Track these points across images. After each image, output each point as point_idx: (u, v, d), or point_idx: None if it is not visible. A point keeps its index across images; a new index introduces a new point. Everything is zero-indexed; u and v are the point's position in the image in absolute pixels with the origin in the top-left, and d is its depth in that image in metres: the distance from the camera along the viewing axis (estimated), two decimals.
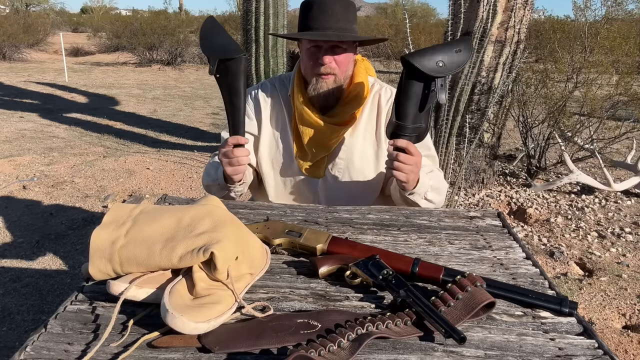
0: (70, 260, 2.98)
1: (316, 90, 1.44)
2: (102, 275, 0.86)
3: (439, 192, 1.45)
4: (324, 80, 1.43)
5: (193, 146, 5.65)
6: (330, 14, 1.39)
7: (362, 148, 1.54)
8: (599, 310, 2.54)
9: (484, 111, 3.91)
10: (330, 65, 1.41)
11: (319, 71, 1.42)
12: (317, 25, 1.40)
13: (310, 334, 0.77)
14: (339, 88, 1.46)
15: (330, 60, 1.40)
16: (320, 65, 1.41)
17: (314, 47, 1.41)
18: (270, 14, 4.36)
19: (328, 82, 1.43)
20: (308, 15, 1.42)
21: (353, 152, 1.53)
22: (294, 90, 1.51)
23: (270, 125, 1.58)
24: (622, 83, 4.55)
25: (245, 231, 0.97)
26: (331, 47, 1.40)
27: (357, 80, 1.49)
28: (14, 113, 7.16)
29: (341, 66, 1.43)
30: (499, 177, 4.60)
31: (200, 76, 12.29)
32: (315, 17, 1.40)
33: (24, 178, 4.38)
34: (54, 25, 20.30)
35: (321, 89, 1.44)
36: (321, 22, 1.40)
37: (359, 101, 1.49)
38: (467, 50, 1.22)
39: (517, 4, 3.73)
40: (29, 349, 0.74)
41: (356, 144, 1.53)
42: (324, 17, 1.39)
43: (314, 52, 1.42)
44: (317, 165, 1.53)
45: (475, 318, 0.83)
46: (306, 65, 1.46)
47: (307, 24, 1.42)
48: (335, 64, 1.41)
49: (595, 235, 3.46)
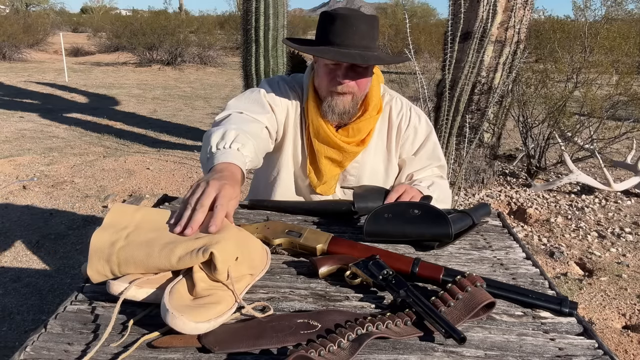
0: (70, 260, 2.98)
1: (331, 107, 1.37)
2: (99, 277, 0.86)
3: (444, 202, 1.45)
4: (340, 99, 1.36)
5: (193, 146, 5.65)
6: (355, 31, 1.30)
7: (373, 164, 1.51)
8: (599, 310, 2.54)
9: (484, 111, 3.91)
10: (349, 84, 1.34)
11: (336, 90, 1.35)
12: (339, 41, 1.30)
13: (310, 334, 0.77)
14: (355, 107, 1.39)
15: (349, 81, 1.33)
16: (338, 84, 1.34)
17: (333, 64, 1.33)
18: (270, 14, 4.36)
19: (345, 101, 1.36)
20: (330, 29, 1.32)
21: (364, 169, 1.50)
22: (309, 103, 1.43)
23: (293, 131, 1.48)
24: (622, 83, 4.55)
25: (245, 232, 0.97)
26: (352, 65, 1.32)
27: (371, 97, 1.43)
28: (14, 113, 7.16)
29: (360, 86, 1.36)
30: (499, 177, 4.60)
31: (200, 76, 12.29)
32: (338, 32, 1.31)
33: (24, 178, 4.38)
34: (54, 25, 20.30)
35: (336, 106, 1.36)
36: (343, 38, 1.30)
37: (374, 118, 1.44)
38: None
39: (517, 4, 3.73)
40: (29, 349, 0.74)
41: (367, 160, 1.50)
42: (347, 33, 1.30)
43: (332, 69, 1.34)
44: (329, 184, 1.49)
45: (475, 318, 0.83)
46: (322, 80, 1.38)
47: (327, 38, 1.32)
48: (354, 83, 1.35)
49: (595, 235, 3.46)
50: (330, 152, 1.43)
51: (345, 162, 1.46)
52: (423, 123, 1.53)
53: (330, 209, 1.29)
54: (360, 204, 1.25)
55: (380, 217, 1.13)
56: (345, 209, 1.27)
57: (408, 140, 1.51)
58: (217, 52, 14.48)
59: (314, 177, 1.48)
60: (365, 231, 1.13)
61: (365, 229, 1.13)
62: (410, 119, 1.51)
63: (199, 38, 14.27)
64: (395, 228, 1.12)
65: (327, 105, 1.38)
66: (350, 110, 1.39)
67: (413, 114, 1.52)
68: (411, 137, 1.51)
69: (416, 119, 1.52)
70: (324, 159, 1.44)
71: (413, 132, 1.51)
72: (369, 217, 1.13)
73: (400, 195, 1.30)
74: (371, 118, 1.43)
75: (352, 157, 1.46)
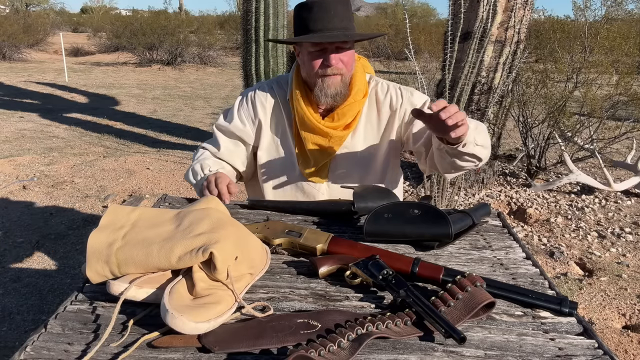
0: (70, 260, 2.98)
1: (323, 91, 1.41)
2: (99, 278, 0.86)
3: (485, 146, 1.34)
4: (331, 80, 1.40)
5: (193, 146, 5.65)
6: (334, 14, 1.36)
7: (364, 148, 1.52)
8: (599, 310, 2.54)
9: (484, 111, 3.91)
10: (337, 66, 1.38)
11: (325, 72, 1.39)
12: (320, 27, 1.36)
13: (310, 334, 0.77)
14: (345, 87, 1.43)
15: (337, 61, 1.38)
16: (327, 66, 1.38)
17: (318, 50, 1.38)
18: (270, 14, 4.36)
19: (335, 82, 1.40)
20: (308, 17, 1.37)
21: (354, 154, 1.52)
22: (292, 94, 1.48)
23: (270, 131, 1.54)
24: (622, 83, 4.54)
25: (245, 232, 0.97)
26: (336, 47, 1.37)
27: (357, 80, 1.47)
28: (14, 113, 7.15)
29: (347, 65, 1.41)
30: (499, 177, 4.60)
31: (200, 76, 12.28)
32: (318, 18, 1.36)
33: (24, 178, 4.38)
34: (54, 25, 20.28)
35: (328, 88, 1.40)
36: (325, 22, 1.36)
37: (360, 101, 1.48)
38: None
39: (517, 4, 3.73)
40: (29, 349, 0.74)
41: (357, 144, 1.51)
42: (327, 17, 1.36)
43: (318, 54, 1.38)
44: (320, 170, 1.51)
45: (475, 318, 0.83)
46: (309, 68, 1.41)
47: (308, 27, 1.38)
48: (341, 63, 1.39)
49: (595, 235, 3.46)
50: (316, 138, 1.46)
51: (332, 147, 1.48)
52: (417, 95, 1.53)
53: (330, 209, 1.30)
54: (360, 204, 1.25)
55: (380, 217, 1.13)
56: (345, 209, 1.27)
57: (407, 113, 1.50)
58: (217, 52, 14.48)
59: (303, 164, 1.51)
60: (365, 231, 1.13)
61: (365, 229, 1.13)
62: (401, 95, 1.51)
63: (199, 38, 14.26)
64: (395, 228, 1.12)
65: (319, 90, 1.41)
66: (341, 91, 1.42)
67: (404, 91, 1.53)
68: (408, 110, 1.49)
69: (408, 94, 1.52)
70: (311, 145, 1.47)
71: (409, 105, 1.50)
72: (369, 217, 1.13)
73: (444, 107, 1.12)
74: (355, 102, 1.46)
75: (338, 142, 1.48)
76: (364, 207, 1.24)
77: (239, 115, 1.55)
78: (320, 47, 1.38)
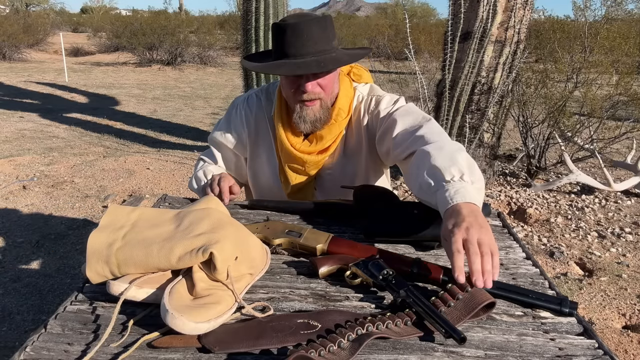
0: (70, 260, 2.98)
1: (302, 118, 1.32)
2: (99, 278, 0.86)
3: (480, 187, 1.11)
4: (309, 108, 1.31)
5: (193, 146, 5.65)
6: (307, 38, 1.25)
7: (346, 162, 1.46)
8: (599, 310, 2.54)
9: (484, 111, 3.91)
10: (314, 91, 1.29)
11: (302, 98, 1.30)
12: (293, 52, 1.26)
13: (310, 334, 0.77)
14: (326, 111, 1.35)
15: (314, 87, 1.29)
16: (303, 92, 1.29)
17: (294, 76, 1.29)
18: (270, 14, 4.36)
19: (314, 109, 1.32)
20: (282, 40, 1.28)
21: (341, 172, 1.46)
22: (275, 114, 1.42)
23: (257, 146, 1.50)
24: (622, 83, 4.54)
25: (245, 232, 0.97)
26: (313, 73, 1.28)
27: (340, 99, 1.38)
28: (14, 113, 7.15)
29: (326, 89, 1.32)
30: (499, 177, 4.60)
31: (200, 76, 12.28)
32: (291, 43, 1.26)
33: (24, 178, 4.38)
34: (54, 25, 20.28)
35: (307, 116, 1.32)
36: (298, 47, 1.26)
37: (341, 123, 1.39)
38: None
39: (517, 4, 3.73)
40: (29, 349, 0.74)
41: (339, 164, 1.46)
42: (299, 42, 1.25)
43: (294, 80, 1.30)
44: (305, 190, 1.47)
45: (475, 318, 0.83)
46: (287, 92, 1.34)
47: (282, 50, 1.28)
48: (319, 88, 1.30)
49: (595, 235, 3.46)
50: (292, 163, 1.43)
51: (309, 170, 1.43)
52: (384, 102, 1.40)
53: (330, 209, 1.30)
54: (361, 204, 1.25)
55: (380, 217, 1.13)
56: (345, 209, 1.27)
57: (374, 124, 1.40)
58: (217, 52, 14.48)
59: (284, 186, 1.48)
60: (365, 231, 1.13)
61: (365, 229, 1.13)
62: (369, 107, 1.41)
63: (199, 38, 14.26)
64: (395, 228, 1.12)
65: (298, 116, 1.33)
66: (321, 117, 1.34)
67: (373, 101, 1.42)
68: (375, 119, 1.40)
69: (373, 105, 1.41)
70: (288, 170, 1.44)
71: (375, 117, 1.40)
72: (369, 217, 1.13)
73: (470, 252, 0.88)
74: (336, 124, 1.38)
75: (314, 167, 1.43)
76: (364, 207, 1.25)
77: (232, 127, 1.50)
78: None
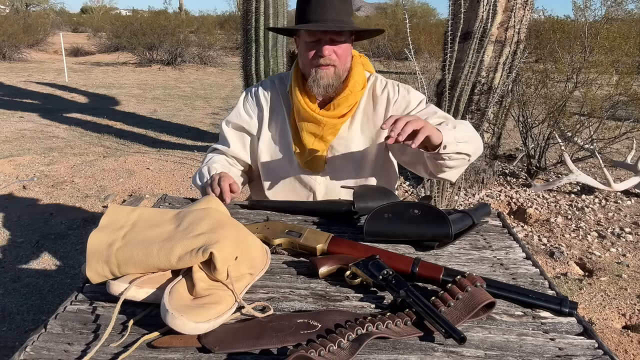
0: (70, 260, 2.98)
1: (316, 82, 1.44)
2: (99, 278, 0.86)
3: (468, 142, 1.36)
4: (323, 71, 1.43)
5: (193, 146, 5.65)
6: (329, 6, 1.40)
7: (360, 140, 1.54)
8: (599, 310, 2.54)
9: (484, 111, 3.91)
10: (330, 57, 1.42)
11: (318, 62, 1.42)
12: (315, 18, 1.40)
13: (310, 334, 0.77)
14: (338, 79, 1.46)
15: (330, 52, 1.41)
16: (319, 57, 1.41)
17: (313, 41, 1.42)
18: (270, 14, 4.35)
19: (328, 74, 1.44)
20: (306, 9, 1.42)
21: (351, 145, 1.54)
22: (291, 86, 1.53)
23: (270, 123, 1.59)
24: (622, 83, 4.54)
25: (245, 232, 0.97)
26: (330, 39, 1.41)
27: (354, 73, 1.50)
28: (14, 113, 7.15)
29: (341, 58, 1.44)
30: (499, 177, 4.60)
31: (200, 76, 12.28)
32: (314, 10, 1.41)
33: (24, 178, 4.38)
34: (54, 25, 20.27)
35: (321, 79, 1.44)
36: (320, 14, 1.40)
37: (357, 94, 1.50)
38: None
39: (517, 4, 3.73)
40: (29, 349, 0.74)
41: (354, 136, 1.54)
42: (322, 9, 1.40)
43: (313, 45, 1.43)
44: (316, 160, 1.54)
45: (475, 318, 0.83)
46: (305, 58, 1.46)
47: (305, 17, 1.43)
48: (335, 55, 1.42)
49: (595, 235, 3.46)
50: (310, 126, 1.49)
51: (326, 136, 1.50)
52: (412, 94, 1.55)
53: (330, 209, 1.30)
54: (360, 204, 1.25)
55: (380, 217, 1.13)
56: (345, 209, 1.27)
57: (400, 110, 1.52)
58: (217, 52, 14.48)
59: (299, 153, 1.54)
60: (365, 231, 1.13)
61: (365, 229, 1.13)
62: (398, 92, 1.55)
63: (199, 38, 14.26)
64: (395, 228, 1.12)
65: (312, 80, 1.44)
66: (333, 83, 1.45)
67: (401, 88, 1.56)
68: (402, 106, 1.52)
69: (404, 92, 1.55)
70: (305, 133, 1.50)
71: (404, 102, 1.53)
72: (369, 217, 1.13)
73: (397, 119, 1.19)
74: (352, 94, 1.49)
75: (332, 131, 1.50)
76: (364, 207, 1.24)
77: (244, 109, 1.61)
78: (315, 38, 1.41)
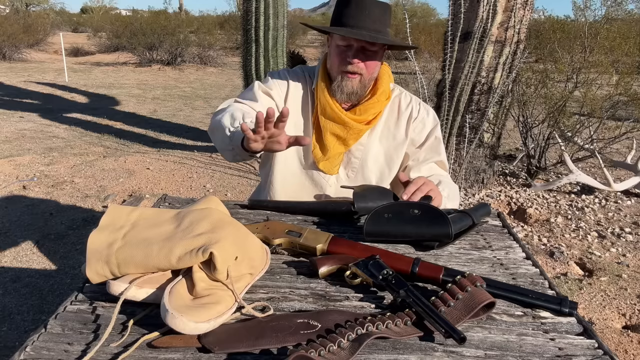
0: (70, 260, 2.98)
1: (340, 87, 1.43)
2: (99, 278, 0.86)
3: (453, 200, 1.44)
4: (349, 79, 1.42)
5: (193, 146, 5.65)
6: (367, 14, 1.38)
7: (378, 150, 1.54)
8: (599, 310, 2.54)
9: (484, 111, 3.91)
10: (358, 66, 1.40)
11: (346, 69, 1.41)
12: (352, 23, 1.38)
13: (310, 334, 0.77)
14: (363, 88, 1.45)
15: (358, 61, 1.40)
16: (348, 63, 1.40)
17: (345, 46, 1.40)
18: (270, 14, 4.36)
19: (353, 82, 1.42)
20: (343, 12, 1.40)
21: (368, 154, 1.53)
22: (318, 84, 1.51)
23: (295, 112, 1.56)
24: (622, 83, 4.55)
25: (245, 232, 0.97)
26: (362, 47, 1.39)
27: (383, 83, 1.49)
28: (14, 113, 7.15)
29: (369, 68, 1.42)
30: (499, 177, 4.60)
31: (200, 76, 12.28)
32: (352, 14, 1.38)
33: (24, 178, 4.38)
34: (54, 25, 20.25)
35: (345, 87, 1.43)
36: (357, 20, 1.38)
37: (382, 103, 1.50)
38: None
39: (517, 4, 3.73)
40: (29, 349, 0.74)
41: (372, 145, 1.54)
42: (360, 15, 1.38)
43: (344, 50, 1.41)
44: (333, 162, 1.53)
45: (475, 318, 0.83)
46: (334, 61, 1.44)
47: (341, 20, 1.40)
48: (363, 65, 1.41)
49: (595, 235, 3.46)
50: (335, 128, 1.48)
51: (349, 140, 1.50)
52: (431, 117, 1.58)
53: (330, 209, 1.30)
54: (360, 204, 1.25)
55: (380, 217, 1.13)
56: (345, 209, 1.27)
57: (415, 130, 1.55)
58: (217, 52, 14.47)
59: (318, 152, 1.52)
60: (365, 231, 1.13)
61: (365, 229, 1.13)
62: (419, 111, 1.56)
63: (199, 38, 14.25)
64: (395, 228, 1.12)
65: (337, 85, 1.44)
66: (358, 92, 1.45)
67: (422, 108, 1.58)
68: (418, 128, 1.55)
69: (424, 113, 1.57)
70: (329, 134, 1.49)
71: (421, 124, 1.56)
72: (369, 217, 1.13)
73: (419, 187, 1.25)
74: (379, 102, 1.49)
75: (356, 136, 1.50)
76: (364, 207, 1.24)
77: (276, 82, 1.55)
78: (347, 43, 1.40)
